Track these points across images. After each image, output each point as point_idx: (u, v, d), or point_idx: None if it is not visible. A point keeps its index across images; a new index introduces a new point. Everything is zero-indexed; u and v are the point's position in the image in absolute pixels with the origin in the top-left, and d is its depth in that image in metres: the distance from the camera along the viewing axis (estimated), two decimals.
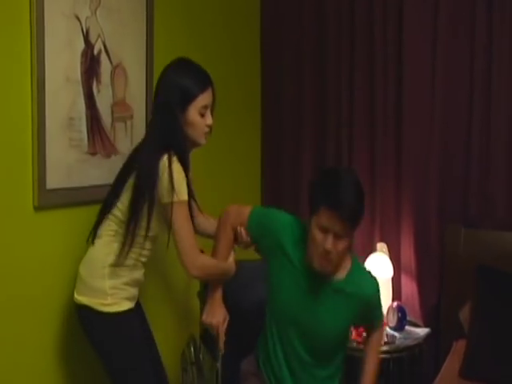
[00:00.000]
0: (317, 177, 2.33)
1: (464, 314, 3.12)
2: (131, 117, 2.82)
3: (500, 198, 3.31)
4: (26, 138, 2.29)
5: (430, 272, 3.47)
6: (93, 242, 2.33)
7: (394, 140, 3.54)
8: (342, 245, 2.16)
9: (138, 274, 2.34)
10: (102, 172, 2.65)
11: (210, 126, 2.35)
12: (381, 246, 3.49)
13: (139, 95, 2.86)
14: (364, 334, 3.22)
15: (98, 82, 2.61)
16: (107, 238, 2.29)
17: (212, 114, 2.36)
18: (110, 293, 2.23)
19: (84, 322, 2.31)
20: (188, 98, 2.27)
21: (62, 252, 2.48)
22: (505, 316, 2.89)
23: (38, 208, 2.34)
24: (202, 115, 2.31)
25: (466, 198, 3.40)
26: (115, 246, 2.25)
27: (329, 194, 2.13)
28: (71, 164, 2.48)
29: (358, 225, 2.22)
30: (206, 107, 2.31)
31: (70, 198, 2.50)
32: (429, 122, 3.43)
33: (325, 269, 2.22)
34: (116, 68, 2.70)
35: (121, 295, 2.26)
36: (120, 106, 2.75)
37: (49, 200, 2.38)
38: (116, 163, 2.71)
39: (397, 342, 3.19)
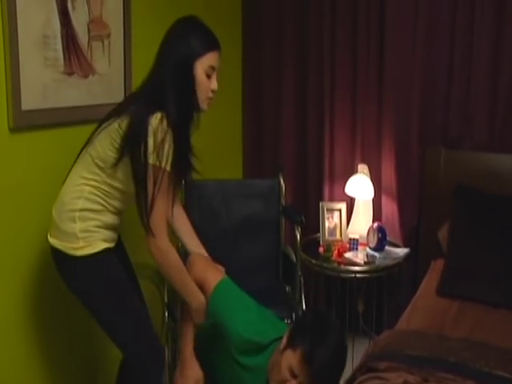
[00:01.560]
0: (306, 317, 2.24)
1: (442, 233, 3.17)
2: (108, 35, 2.74)
3: (480, 119, 3.32)
4: None
5: (410, 193, 3.50)
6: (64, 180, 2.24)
7: (375, 63, 3.49)
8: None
9: (111, 218, 2.21)
10: (79, 92, 2.59)
11: (214, 92, 2.24)
12: (362, 168, 3.50)
13: (116, 13, 2.77)
14: (345, 255, 3.28)
15: None
16: (78, 180, 2.17)
17: (217, 81, 2.25)
18: (81, 236, 2.13)
19: (58, 265, 2.22)
20: (196, 54, 2.16)
21: (39, 174, 2.45)
22: (481, 235, 2.94)
23: (14, 130, 2.29)
24: (208, 77, 2.20)
25: (447, 119, 3.40)
26: (86, 190, 2.15)
27: (309, 347, 2.03)
28: (47, 84, 2.42)
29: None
30: (213, 68, 2.20)
31: (47, 119, 2.45)
32: (411, 45, 3.39)
33: None
34: None
35: (94, 237, 2.15)
36: (96, 24, 2.66)
37: (24, 121, 2.33)
38: (94, 83, 2.67)
39: (377, 261, 3.25)
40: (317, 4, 3.59)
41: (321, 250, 3.41)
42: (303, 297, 2.96)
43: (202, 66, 2.17)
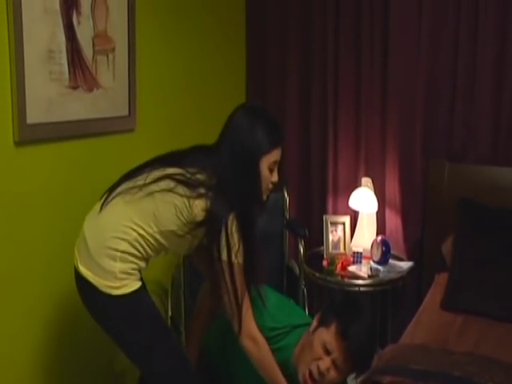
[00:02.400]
0: (337, 297, 2.33)
1: (446, 247, 3.16)
2: (113, 50, 2.75)
3: (484, 132, 3.32)
4: (3, 72, 2.23)
5: (413, 206, 3.50)
6: (101, 208, 2.14)
7: (379, 75, 3.50)
8: (334, 375, 2.09)
9: (145, 264, 2.17)
10: (83, 106, 2.60)
11: (274, 184, 2.25)
12: (366, 181, 3.50)
13: (121, 27, 2.79)
14: (349, 268, 3.28)
15: (78, 13, 2.53)
16: (126, 222, 2.08)
17: (278, 173, 2.25)
18: (120, 277, 2.06)
19: (87, 297, 2.15)
20: (263, 151, 2.13)
21: (44, 188, 2.46)
22: (485, 249, 2.94)
23: (19, 143, 2.30)
24: (271, 171, 2.19)
25: (451, 132, 3.40)
26: (132, 236, 2.08)
27: (344, 322, 2.07)
28: (52, 98, 2.43)
29: (361, 364, 2.13)
30: (275, 163, 2.19)
31: (52, 133, 2.46)
32: (414, 57, 3.39)
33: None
34: None
35: (129, 280, 2.09)
36: (101, 39, 2.68)
37: (29, 135, 2.34)
38: (98, 97, 2.68)
39: (380, 275, 3.24)
40: (320, 15, 3.60)
41: (324, 263, 3.41)
42: (307, 310, 2.95)
43: (267, 162, 2.15)
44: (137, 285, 2.10)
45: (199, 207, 2.05)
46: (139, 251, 2.10)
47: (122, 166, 2.27)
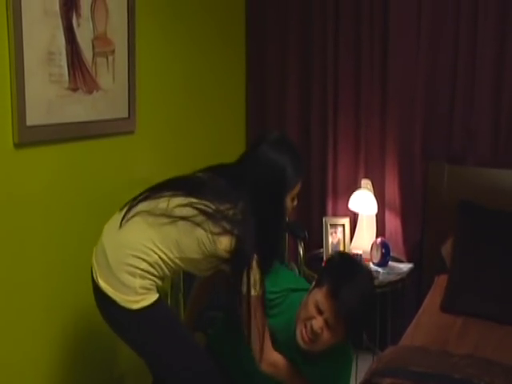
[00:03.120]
0: (335, 258, 2.26)
1: (446, 249, 3.16)
2: (113, 52, 2.75)
3: (483, 134, 3.32)
4: (3, 74, 2.23)
5: (413, 208, 3.50)
6: (121, 223, 2.11)
7: (379, 76, 3.51)
8: (327, 336, 2.07)
9: (162, 282, 2.15)
10: (83, 108, 2.60)
11: (293, 209, 2.28)
12: (365, 183, 3.50)
13: (121, 29, 2.79)
14: None
15: (78, 15, 2.53)
16: (148, 244, 2.06)
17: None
18: (140, 292, 2.05)
19: (107, 311, 2.13)
20: (290, 187, 2.15)
21: (44, 189, 2.45)
22: (485, 251, 2.94)
23: (18, 145, 2.29)
24: (292, 200, 2.22)
25: (450, 134, 3.41)
26: (153, 258, 2.06)
27: (335, 283, 2.04)
28: (52, 100, 2.43)
29: (351, 330, 2.10)
30: (298, 193, 2.22)
31: (51, 135, 2.46)
32: (414, 60, 3.40)
33: (305, 346, 2.11)
34: (96, 1, 2.62)
35: (148, 295, 2.08)
36: (101, 41, 2.68)
37: (29, 137, 2.33)
38: (98, 99, 2.68)
39: (380, 277, 3.24)
40: (320, 17, 3.61)
41: (324, 265, 3.40)
42: None
43: (291, 195, 2.18)
44: (155, 296, 2.09)
45: (223, 245, 2.03)
46: (158, 272, 2.09)
47: (122, 168, 2.27)
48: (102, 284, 2.07)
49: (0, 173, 2.25)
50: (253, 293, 2.05)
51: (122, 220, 2.11)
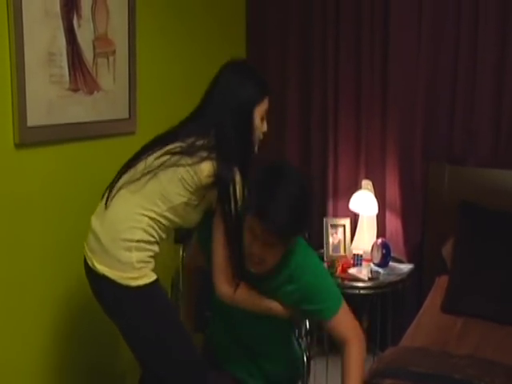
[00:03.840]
0: (257, 175, 2.11)
1: (447, 250, 3.16)
2: (113, 52, 2.76)
3: (484, 135, 3.32)
4: (4, 74, 2.23)
5: (414, 209, 3.50)
6: (107, 203, 2.13)
7: (379, 79, 3.51)
8: (273, 251, 2.03)
9: (158, 248, 2.16)
10: (84, 109, 2.61)
11: (264, 134, 2.28)
12: (366, 184, 3.50)
13: (121, 30, 2.79)
14: (349, 271, 3.28)
15: (79, 16, 2.54)
16: (136, 209, 2.08)
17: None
18: (138, 267, 2.06)
19: (105, 293, 2.13)
20: (256, 100, 2.18)
21: (44, 189, 2.46)
22: (485, 251, 2.94)
23: (19, 145, 2.30)
24: (262, 120, 2.23)
25: (451, 135, 3.41)
26: (144, 221, 2.07)
27: (260, 205, 1.98)
28: (52, 100, 2.44)
29: (291, 238, 2.06)
30: (266, 111, 2.24)
31: (52, 136, 2.46)
32: (414, 61, 3.40)
33: (256, 270, 2.09)
34: (97, 1, 2.62)
35: (148, 268, 2.10)
36: (102, 41, 2.69)
37: (30, 137, 2.34)
38: (98, 100, 2.68)
39: (381, 277, 3.24)
40: (320, 21, 3.61)
41: (325, 265, 3.40)
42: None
43: (259, 111, 2.19)
44: (154, 276, 2.11)
45: (205, 171, 2.05)
46: (153, 236, 2.10)
47: None
48: (100, 267, 2.08)
49: (1, 173, 2.26)
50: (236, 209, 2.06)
51: (107, 201, 2.13)
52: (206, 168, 2.05)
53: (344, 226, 3.54)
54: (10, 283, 2.35)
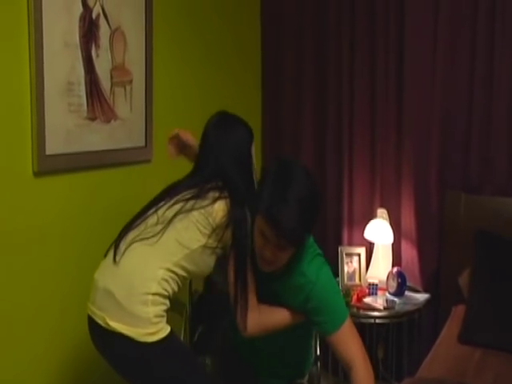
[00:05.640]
0: (267, 173, 2.06)
1: (463, 279, 3.13)
2: (130, 82, 2.80)
3: (500, 163, 3.30)
4: (24, 104, 2.27)
5: (430, 238, 3.48)
6: (116, 259, 2.08)
7: (395, 105, 3.51)
8: (284, 254, 2.02)
9: (169, 301, 2.12)
10: (101, 137, 2.64)
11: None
12: (381, 212, 3.49)
13: (138, 60, 2.83)
14: (364, 300, 3.25)
15: (97, 46, 2.58)
16: (150, 261, 2.05)
17: None
18: (155, 321, 2.01)
19: (124, 352, 2.06)
20: (250, 139, 2.27)
21: (62, 218, 2.48)
22: (503, 281, 2.90)
23: (38, 174, 2.33)
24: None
25: (467, 163, 3.38)
26: (160, 274, 2.04)
27: (271, 209, 1.95)
28: (70, 129, 2.47)
29: (301, 244, 2.05)
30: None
31: (70, 164, 2.49)
32: (430, 87, 3.40)
33: (268, 270, 2.09)
34: (115, 32, 2.67)
35: (163, 323, 2.06)
36: (119, 71, 2.73)
37: (48, 165, 2.37)
38: (116, 128, 2.72)
39: (396, 307, 3.21)
40: (335, 47, 3.64)
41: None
42: (318, 342, 2.92)
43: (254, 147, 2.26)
44: (169, 328, 2.07)
45: (220, 210, 2.06)
46: (167, 290, 2.06)
47: (139, 197, 2.29)
48: (114, 325, 2.00)
49: (19, 201, 2.29)
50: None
51: (116, 256, 2.08)
52: (221, 207, 2.06)
53: (359, 254, 3.53)
54: (23, 311, 2.35)
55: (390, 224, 3.44)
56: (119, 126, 2.74)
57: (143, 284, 2.02)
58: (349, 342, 2.10)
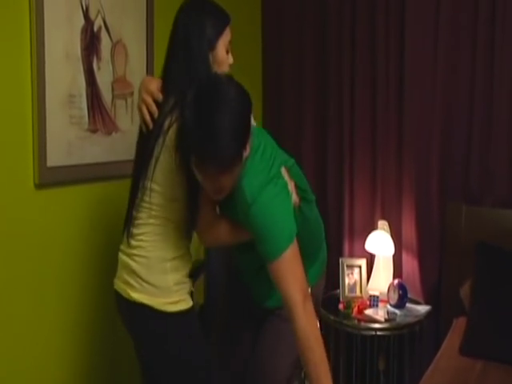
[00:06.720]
0: (191, 107, 1.81)
1: (464, 291, 3.13)
2: (132, 94, 2.80)
3: (501, 175, 3.30)
4: (26, 116, 2.28)
5: (430, 249, 3.48)
6: (129, 239, 2.07)
7: (395, 118, 3.52)
8: (228, 179, 1.85)
9: (189, 263, 2.12)
10: (102, 149, 2.64)
11: (231, 66, 2.13)
12: (382, 224, 3.49)
13: (139, 72, 2.84)
14: (365, 312, 3.25)
15: (98, 58, 2.59)
16: (158, 229, 2.04)
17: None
18: (175, 289, 2.02)
19: (144, 323, 2.05)
20: (219, 31, 2.03)
21: (64, 230, 2.48)
22: (504, 293, 2.90)
23: (39, 186, 2.33)
24: (227, 52, 2.10)
25: (468, 175, 3.39)
26: (171, 236, 2.04)
27: (197, 145, 1.79)
28: (72, 141, 2.48)
29: (239, 159, 1.84)
30: (230, 42, 2.09)
31: (71, 176, 2.50)
32: (430, 99, 3.41)
33: (220, 197, 1.95)
34: (116, 45, 2.69)
35: (185, 290, 2.06)
36: (120, 83, 2.74)
37: (49, 177, 2.38)
38: (117, 140, 2.72)
39: (397, 319, 3.21)
40: (336, 62, 3.66)
41: (341, 306, 3.38)
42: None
43: (223, 43, 2.06)
44: (191, 302, 2.07)
45: (172, 137, 1.97)
46: (180, 247, 2.05)
47: None
48: (136, 295, 2.01)
49: (21, 213, 2.29)
50: None
51: (129, 232, 2.08)
52: (172, 137, 1.97)
53: (360, 266, 3.53)
54: (26, 322, 2.35)
55: (391, 236, 3.44)
56: (120, 138, 2.75)
57: (158, 254, 2.02)
58: (285, 277, 1.89)
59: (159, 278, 2.02)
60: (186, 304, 2.05)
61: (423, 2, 3.39)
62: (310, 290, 1.99)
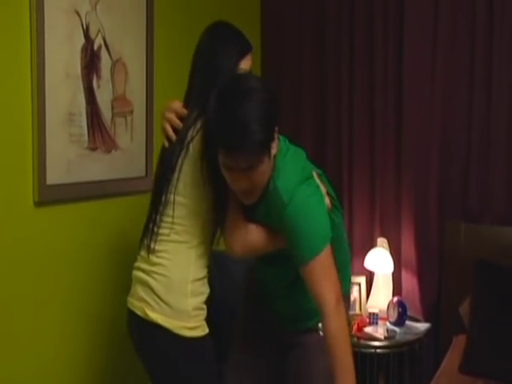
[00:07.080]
0: (214, 103, 1.84)
1: (464, 308, 3.12)
2: (131, 112, 2.82)
3: (500, 193, 3.32)
4: (26, 134, 2.29)
5: (430, 267, 3.48)
6: (150, 255, 2.03)
7: (394, 135, 3.54)
8: (256, 175, 1.84)
9: (209, 289, 2.09)
10: (102, 167, 2.65)
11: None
12: (381, 242, 3.50)
13: (139, 90, 2.86)
14: (365, 329, 3.24)
15: (98, 77, 2.61)
16: (181, 247, 2.02)
17: None
18: (194, 314, 1.99)
19: (155, 341, 2.03)
20: (242, 54, 2.09)
21: (63, 248, 2.48)
22: (504, 311, 2.89)
23: (38, 203, 2.33)
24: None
25: (466, 193, 3.40)
26: (194, 255, 2.02)
27: (223, 137, 1.80)
28: (71, 159, 2.48)
29: (267, 150, 1.84)
30: (250, 67, 2.14)
31: (71, 194, 2.50)
32: (429, 117, 3.43)
33: (250, 201, 1.94)
34: (116, 63, 2.70)
35: (202, 317, 2.04)
36: (120, 102, 2.75)
37: (49, 195, 2.37)
38: (116, 158, 2.73)
39: (397, 337, 3.20)
40: (335, 84, 3.69)
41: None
42: None
43: (244, 67, 2.09)
44: (207, 329, 2.04)
45: (197, 148, 1.99)
46: (203, 266, 2.04)
47: (140, 226, 2.28)
48: (153, 315, 1.98)
49: (20, 231, 2.29)
50: None
51: (149, 248, 2.04)
52: (197, 148, 1.99)
53: (359, 284, 3.52)
54: (27, 342, 2.34)
55: (390, 253, 3.44)
56: (120, 156, 2.76)
57: (179, 273, 2.00)
58: (320, 279, 1.88)
59: (178, 300, 1.99)
60: (202, 331, 2.03)
61: (421, 8, 3.43)
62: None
